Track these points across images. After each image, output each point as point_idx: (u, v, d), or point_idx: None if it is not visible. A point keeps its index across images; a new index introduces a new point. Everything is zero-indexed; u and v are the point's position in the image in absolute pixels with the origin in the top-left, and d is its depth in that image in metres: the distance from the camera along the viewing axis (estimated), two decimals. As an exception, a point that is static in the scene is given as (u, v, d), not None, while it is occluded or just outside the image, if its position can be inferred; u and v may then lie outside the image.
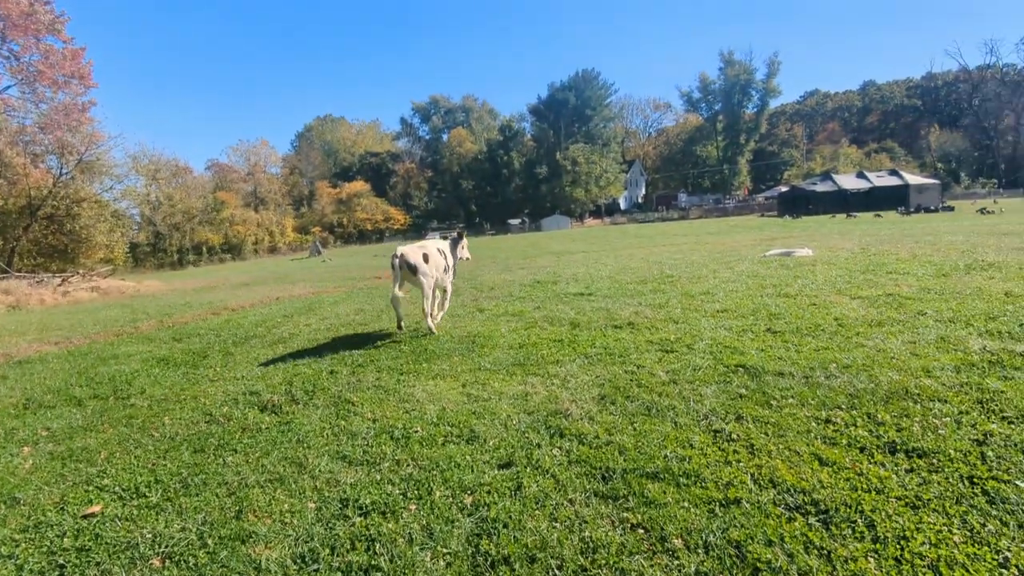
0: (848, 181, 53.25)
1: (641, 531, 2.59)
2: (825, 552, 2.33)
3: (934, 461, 2.99)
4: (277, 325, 9.21)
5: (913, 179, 51.95)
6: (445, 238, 8.33)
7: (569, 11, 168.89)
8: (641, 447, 3.44)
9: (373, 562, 2.50)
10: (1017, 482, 2.70)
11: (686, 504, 2.77)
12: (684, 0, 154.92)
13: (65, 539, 2.93)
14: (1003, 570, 2.17)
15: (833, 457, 3.12)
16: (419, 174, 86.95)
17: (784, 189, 63.89)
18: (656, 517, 2.67)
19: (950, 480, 2.80)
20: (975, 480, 2.78)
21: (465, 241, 8.36)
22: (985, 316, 5.66)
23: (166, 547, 2.77)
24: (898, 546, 2.34)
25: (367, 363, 6.10)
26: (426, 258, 7.14)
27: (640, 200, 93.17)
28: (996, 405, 3.55)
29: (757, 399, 4.06)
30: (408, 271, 7.01)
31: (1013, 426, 3.27)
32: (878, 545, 2.35)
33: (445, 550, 2.56)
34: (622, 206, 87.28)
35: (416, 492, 3.12)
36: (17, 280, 21.06)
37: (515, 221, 75.07)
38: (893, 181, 51.34)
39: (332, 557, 2.57)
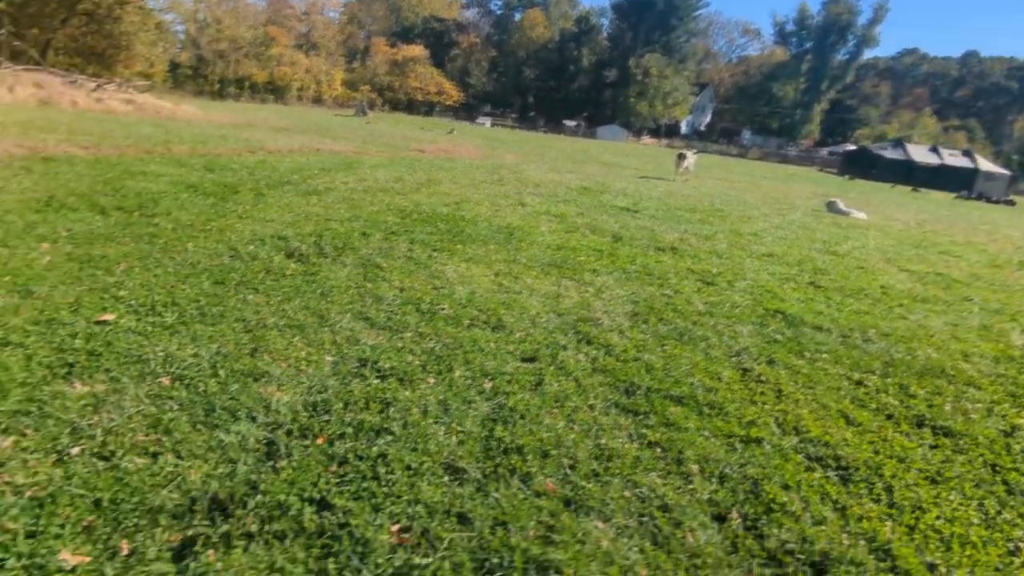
0: (919, 153, 49.30)
1: (658, 450, 2.55)
2: (840, 506, 2.30)
3: (960, 442, 2.92)
4: (313, 176, 9.02)
5: (984, 165, 48.22)
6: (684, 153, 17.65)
7: None
8: (668, 370, 3.37)
9: (385, 425, 2.47)
10: (1043, 481, 2.61)
11: (706, 433, 2.73)
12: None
13: (76, 340, 2.88)
14: (1013, 557, 2.13)
15: (860, 419, 3.04)
16: (482, 51, 78.27)
17: (851, 147, 59.71)
18: (675, 439, 2.62)
19: (973, 463, 2.74)
20: (997, 468, 2.72)
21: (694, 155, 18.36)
22: (1036, 314, 5.39)
23: (177, 368, 2.73)
24: (913, 515, 2.29)
25: (401, 232, 6.01)
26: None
27: (702, 128, 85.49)
28: (1035, 403, 3.41)
29: (791, 347, 3.95)
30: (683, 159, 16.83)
31: (1048, 427, 3.14)
32: (893, 510, 2.31)
33: (459, 428, 2.53)
34: (683, 130, 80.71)
35: (436, 367, 3.08)
36: (50, 75, 20.02)
37: (571, 123, 69.04)
38: (964, 163, 47.62)
39: (345, 412, 2.54)
